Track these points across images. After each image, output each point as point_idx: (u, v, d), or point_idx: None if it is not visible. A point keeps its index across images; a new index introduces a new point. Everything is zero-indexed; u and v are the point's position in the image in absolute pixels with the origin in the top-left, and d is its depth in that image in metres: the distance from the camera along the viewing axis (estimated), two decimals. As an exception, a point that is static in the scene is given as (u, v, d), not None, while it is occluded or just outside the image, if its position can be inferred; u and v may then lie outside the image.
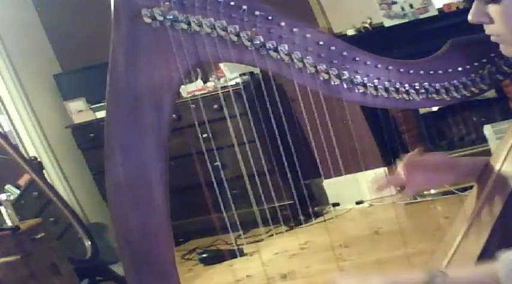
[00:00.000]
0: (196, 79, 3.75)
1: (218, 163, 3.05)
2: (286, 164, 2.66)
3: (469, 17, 1.05)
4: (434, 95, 1.16)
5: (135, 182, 1.12)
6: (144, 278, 1.16)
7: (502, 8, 1.00)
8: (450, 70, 1.16)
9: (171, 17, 1.06)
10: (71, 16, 4.20)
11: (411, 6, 3.37)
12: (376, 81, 1.12)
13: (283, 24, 1.07)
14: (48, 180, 3.78)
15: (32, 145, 4.03)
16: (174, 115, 3.32)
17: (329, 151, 1.61)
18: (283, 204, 3.67)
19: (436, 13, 3.35)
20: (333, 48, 1.10)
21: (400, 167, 1.30)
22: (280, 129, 1.72)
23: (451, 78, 1.16)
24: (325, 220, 3.71)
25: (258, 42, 1.07)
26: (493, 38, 1.06)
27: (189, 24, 1.06)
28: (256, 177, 3.17)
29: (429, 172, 1.29)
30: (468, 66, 1.17)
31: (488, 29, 1.05)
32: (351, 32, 3.46)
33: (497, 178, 1.17)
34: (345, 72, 1.11)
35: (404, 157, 1.30)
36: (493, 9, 1.02)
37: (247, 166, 2.97)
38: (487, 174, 1.21)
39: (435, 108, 3.41)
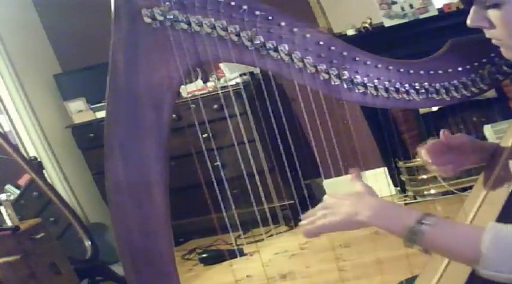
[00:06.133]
0: (196, 79, 3.75)
1: (218, 163, 3.05)
2: (286, 164, 2.66)
3: (468, 22, 1.04)
4: (434, 95, 1.16)
5: (135, 182, 1.12)
6: (144, 278, 1.16)
7: (503, 12, 1.00)
8: (450, 70, 1.16)
9: (171, 17, 1.06)
10: (71, 16, 4.21)
11: (411, 6, 3.37)
12: (376, 81, 1.12)
13: (283, 24, 1.07)
14: (48, 180, 3.78)
15: (32, 145, 4.04)
16: (174, 115, 3.32)
17: (329, 151, 1.61)
18: (283, 203, 3.68)
19: (436, 13, 3.35)
20: (333, 48, 1.10)
21: (426, 149, 1.29)
22: (280, 128, 1.72)
23: (451, 78, 1.16)
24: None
25: (258, 42, 1.07)
26: (494, 41, 1.06)
27: (189, 24, 1.06)
28: (257, 177, 3.17)
29: (457, 154, 1.28)
30: (468, 66, 1.17)
31: (489, 33, 1.05)
32: (351, 32, 3.46)
33: (497, 179, 1.17)
34: (345, 72, 1.11)
35: (431, 141, 1.30)
36: (493, 13, 1.01)
37: (248, 166, 2.97)
38: (487, 174, 1.21)
39: (435, 108, 3.41)
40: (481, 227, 0.96)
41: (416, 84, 1.14)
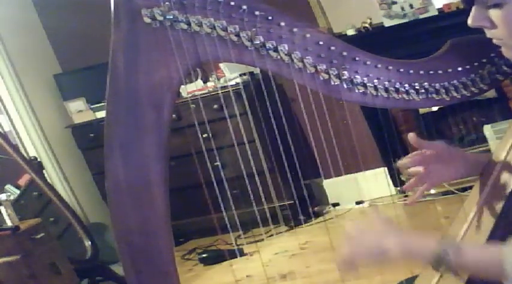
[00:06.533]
0: (196, 79, 3.75)
1: (218, 163, 3.05)
2: (286, 164, 2.66)
3: (469, 22, 1.04)
4: (434, 95, 1.16)
5: (135, 182, 1.12)
6: (144, 278, 1.16)
7: (505, 12, 1.00)
8: (450, 70, 1.16)
9: (171, 17, 1.06)
10: (71, 16, 4.21)
11: (411, 6, 3.37)
12: (376, 81, 1.12)
13: (283, 24, 1.07)
14: (48, 180, 3.78)
15: (32, 145, 4.04)
16: (174, 115, 3.32)
17: (329, 151, 1.61)
18: (283, 203, 3.68)
19: (436, 13, 3.35)
20: (332, 48, 1.10)
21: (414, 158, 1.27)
22: (280, 129, 1.72)
23: (451, 78, 1.16)
24: (325, 220, 3.71)
25: (258, 42, 1.07)
26: (495, 41, 1.06)
27: (189, 24, 1.06)
28: (256, 177, 3.17)
29: (440, 169, 1.27)
30: (468, 66, 1.17)
31: (490, 33, 1.05)
32: (351, 32, 3.46)
33: (497, 179, 1.17)
34: (345, 72, 1.11)
35: (417, 152, 1.27)
36: (494, 13, 1.01)
37: (247, 166, 2.96)
38: (486, 174, 1.21)
39: (435, 108, 3.41)
40: (502, 248, 0.98)
41: (416, 84, 1.14)
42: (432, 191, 3.49)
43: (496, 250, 0.99)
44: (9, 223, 2.87)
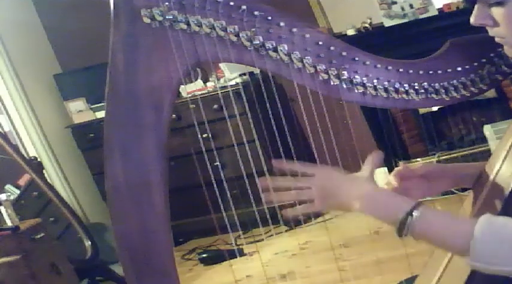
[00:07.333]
0: (196, 79, 3.75)
1: (218, 163, 3.04)
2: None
3: (472, 20, 1.04)
4: (433, 95, 1.16)
5: (135, 182, 1.12)
6: (144, 278, 1.15)
7: (507, 10, 1.00)
8: (449, 70, 1.16)
9: (171, 17, 1.06)
10: (71, 16, 4.21)
11: (411, 6, 3.37)
12: (375, 81, 1.12)
13: (282, 24, 1.07)
14: (48, 180, 3.78)
15: (32, 145, 4.04)
16: (173, 115, 3.32)
17: (329, 151, 1.60)
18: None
19: (436, 13, 3.35)
20: (332, 48, 1.10)
21: (390, 181, 1.28)
22: (279, 129, 1.72)
23: (451, 78, 1.16)
24: (325, 220, 3.71)
25: (258, 42, 1.07)
26: (497, 39, 1.06)
27: (188, 24, 1.06)
28: (256, 177, 3.17)
29: (423, 183, 1.27)
30: (467, 66, 1.16)
31: (492, 31, 1.05)
32: (351, 32, 3.46)
33: (496, 178, 1.17)
34: (344, 72, 1.11)
35: (392, 173, 1.28)
36: (497, 11, 1.01)
37: (247, 166, 2.96)
38: (486, 174, 1.21)
39: (435, 108, 3.41)
40: (473, 220, 0.97)
41: (416, 84, 1.14)
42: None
43: (467, 222, 0.98)
44: (9, 223, 2.87)
